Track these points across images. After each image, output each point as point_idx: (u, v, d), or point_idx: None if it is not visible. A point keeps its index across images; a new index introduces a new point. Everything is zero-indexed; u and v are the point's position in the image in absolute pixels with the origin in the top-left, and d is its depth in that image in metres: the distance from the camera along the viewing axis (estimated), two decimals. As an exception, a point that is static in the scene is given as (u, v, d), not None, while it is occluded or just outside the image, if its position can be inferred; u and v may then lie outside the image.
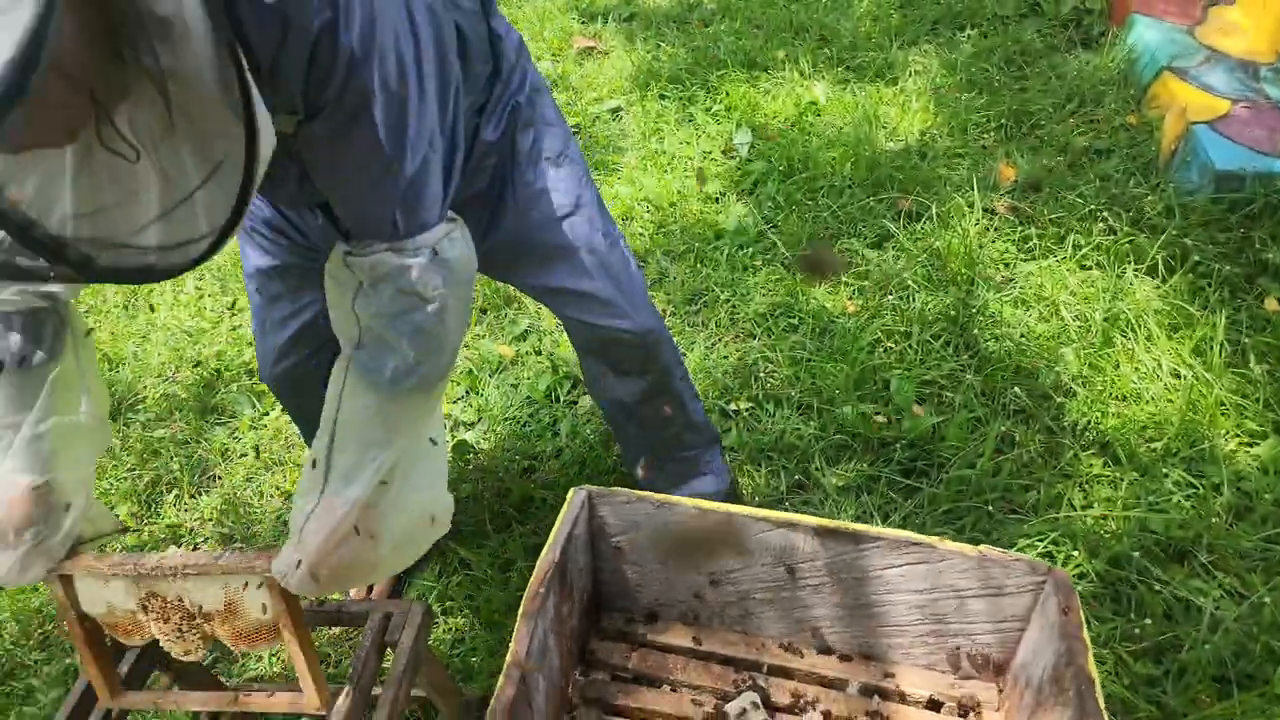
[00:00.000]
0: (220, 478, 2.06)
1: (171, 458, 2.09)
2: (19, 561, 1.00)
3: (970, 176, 2.55)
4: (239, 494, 2.01)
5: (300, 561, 0.95)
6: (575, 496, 1.05)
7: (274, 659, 1.71)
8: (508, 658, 0.86)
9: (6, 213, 0.65)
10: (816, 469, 1.90)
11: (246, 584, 1.12)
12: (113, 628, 1.42)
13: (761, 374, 2.13)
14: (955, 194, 2.50)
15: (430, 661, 1.56)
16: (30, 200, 0.66)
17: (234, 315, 2.52)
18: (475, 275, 1.00)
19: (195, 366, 2.35)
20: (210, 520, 1.98)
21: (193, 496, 2.03)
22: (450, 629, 1.72)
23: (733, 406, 2.06)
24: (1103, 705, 0.80)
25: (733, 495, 1.73)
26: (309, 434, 1.65)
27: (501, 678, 0.84)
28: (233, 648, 1.20)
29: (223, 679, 1.60)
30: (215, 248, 0.71)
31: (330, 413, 0.97)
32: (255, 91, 0.65)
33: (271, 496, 2.01)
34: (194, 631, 1.25)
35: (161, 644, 1.19)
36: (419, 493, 0.99)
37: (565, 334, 1.52)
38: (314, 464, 0.97)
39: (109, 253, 0.70)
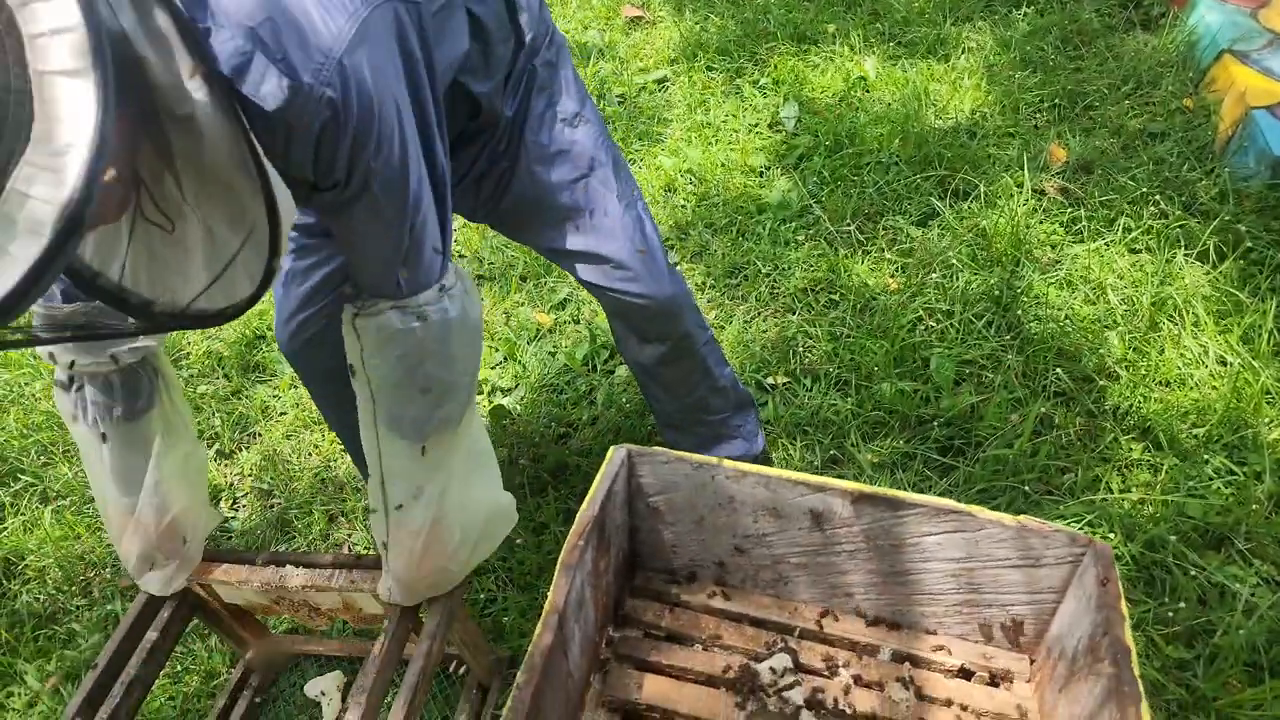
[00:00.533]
0: (260, 434, 2.11)
1: (213, 413, 2.14)
2: (169, 579, 1.30)
3: (1020, 156, 2.51)
4: (278, 451, 2.05)
5: (392, 588, 1.20)
6: (615, 454, 1.07)
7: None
8: (546, 605, 0.88)
9: (76, 267, 0.78)
10: (852, 445, 1.90)
11: (360, 590, 1.39)
12: (255, 610, 1.59)
13: (800, 349, 2.13)
14: (1004, 173, 2.46)
15: (463, 619, 1.60)
16: (93, 255, 0.79)
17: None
18: (481, 321, 1.07)
19: (238, 324, 2.40)
20: (250, 475, 2.03)
21: (233, 452, 2.08)
22: (483, 589, 1.75)
23: (770, 380, 2.06)
24: (1138, 674, 0.80)
25: (764, 461, 1.74)
26: (333, 418, 1.70)
27: (540, 624, 0.86)
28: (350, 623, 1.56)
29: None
30: (257, 298, 0.82)
31: (374, 460, 1.07)
32: (270, 169, 0.75)
33: (310, 454, 2.05)
34: (320, 617, 1.52)
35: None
36: (477, 499, 1.11)
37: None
38: (372, 510, 1.14)
39: (167, 299, 0.82)
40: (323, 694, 1.69)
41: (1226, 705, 1.42)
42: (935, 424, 1.89)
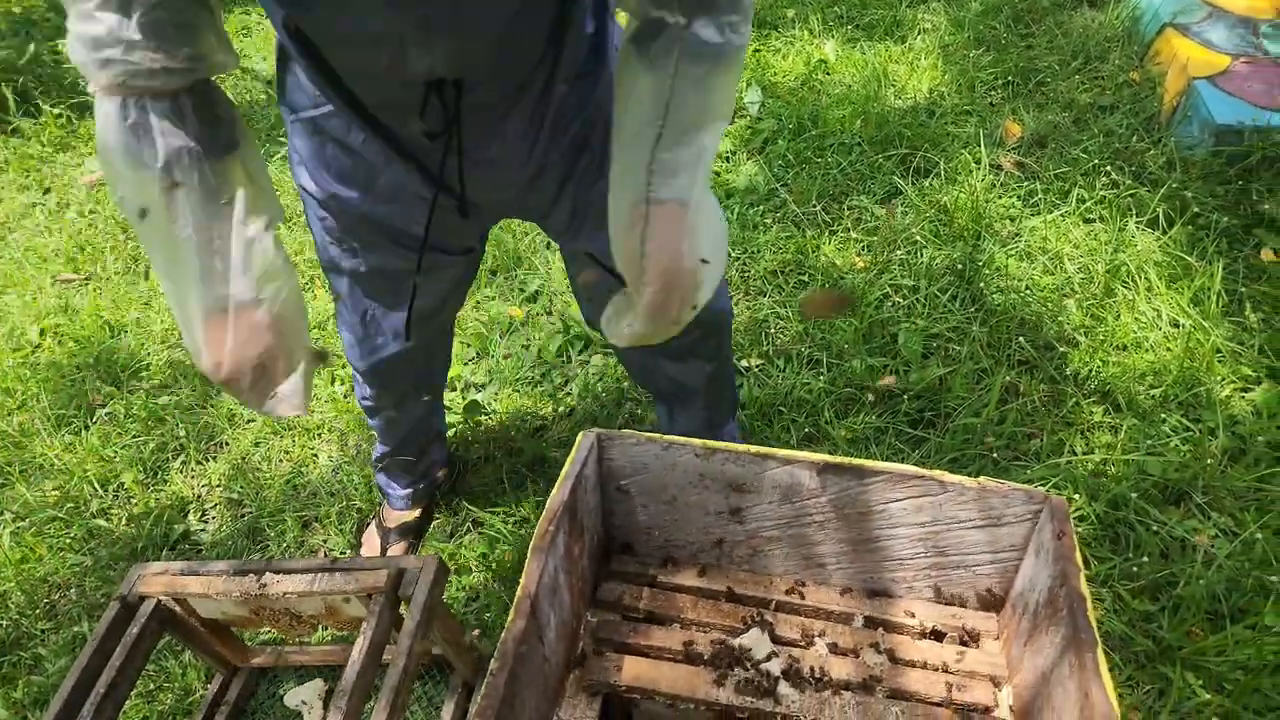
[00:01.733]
0: (228, 444, 2.09)
1: (177, 424, 2.11)
2: (300, 391, 0.99)
3: (977, 133, 2.55)
4: (248, 460, 2.04)
5: (649, 290, 0.92)
6: (584, 439, 1.08)
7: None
8: (518, 591, 0.89)
9: None
10: (826, 422, 1.92)
11: (344, 597, 1.36)
12: (232, 624, 1.56)
13: (772, 330, 2.15)
14: (962, 150, 2.51)
15: (444, 617, 1.60)
16: None
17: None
18: None
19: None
20: (219, 486, 2.01)
21: (200, 463, 2.06)
22: (464, 587, 1.75)
23: (744, 363, 2.08)
24: (1094, 622, 0.83)
25: None
26: (400, 433, 1.66)
27: (512, 610, 0.87)
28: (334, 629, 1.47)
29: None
30: None
31: (650, 109, 0.87)
32: None
33: (280, 462, 2.04)
34: (302, 626, 1.48)
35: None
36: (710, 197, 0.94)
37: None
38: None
39: None
40: (304, 703, 1.68)
41: (1191, 653, 1.46)
42: (905, 398, 1.92)
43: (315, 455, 2.04)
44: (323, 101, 1.05)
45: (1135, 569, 1.56)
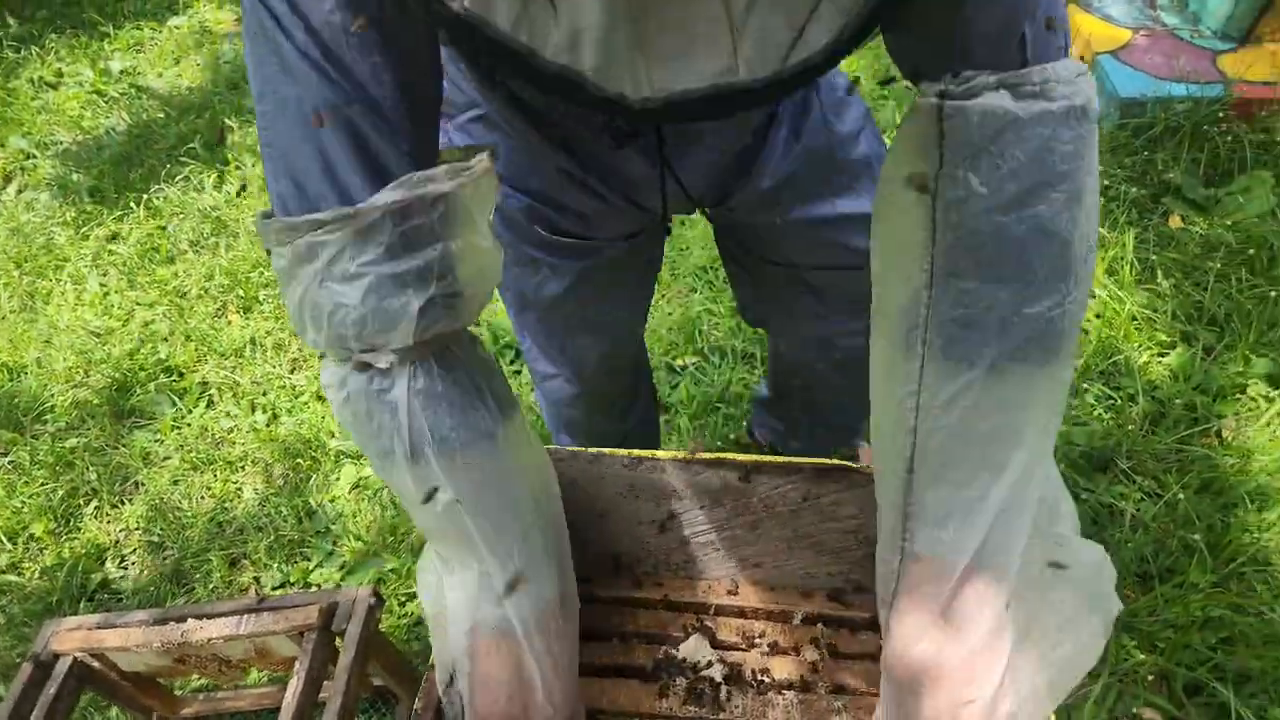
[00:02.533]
0: (143, 484, 1.99)
1: (87, 467, 2.01)
2: None
3: (893, 119, 2.58)
4: (166, 499, 1.95)
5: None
6: (504, 458, 1.04)
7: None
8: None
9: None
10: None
11: (272, 634, 1.31)
12: (158, 674, 1.49)
13: (705, 327, 2.14)
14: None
15: (383, 649, 1.54)
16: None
17: (145, 309, 2.43)
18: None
19: (106, 368, 2.27)
20: (137, 529, 1.92)
21: (115, 506, 1.96)
22: (408, 614, 1.70)
23: (679, 362, 2.07)
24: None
25: None
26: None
27: (435, 656, 0.83)
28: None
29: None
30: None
31: (903, 423, 0.62)
32: None
33: (202, 498, 1.96)
34: (232, 670, 1.43)
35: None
36: (1081, 560, 0.63)
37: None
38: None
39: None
40: (244, 747, 1.62)
41: (1125, 615, 1.49)
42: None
43: (239, 489, 1.96)
44: (480, 103, 0.95)
45: (1067, 538, 1.59)
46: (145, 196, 2.76)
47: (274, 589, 1.77)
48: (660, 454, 1.04)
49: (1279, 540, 1.59)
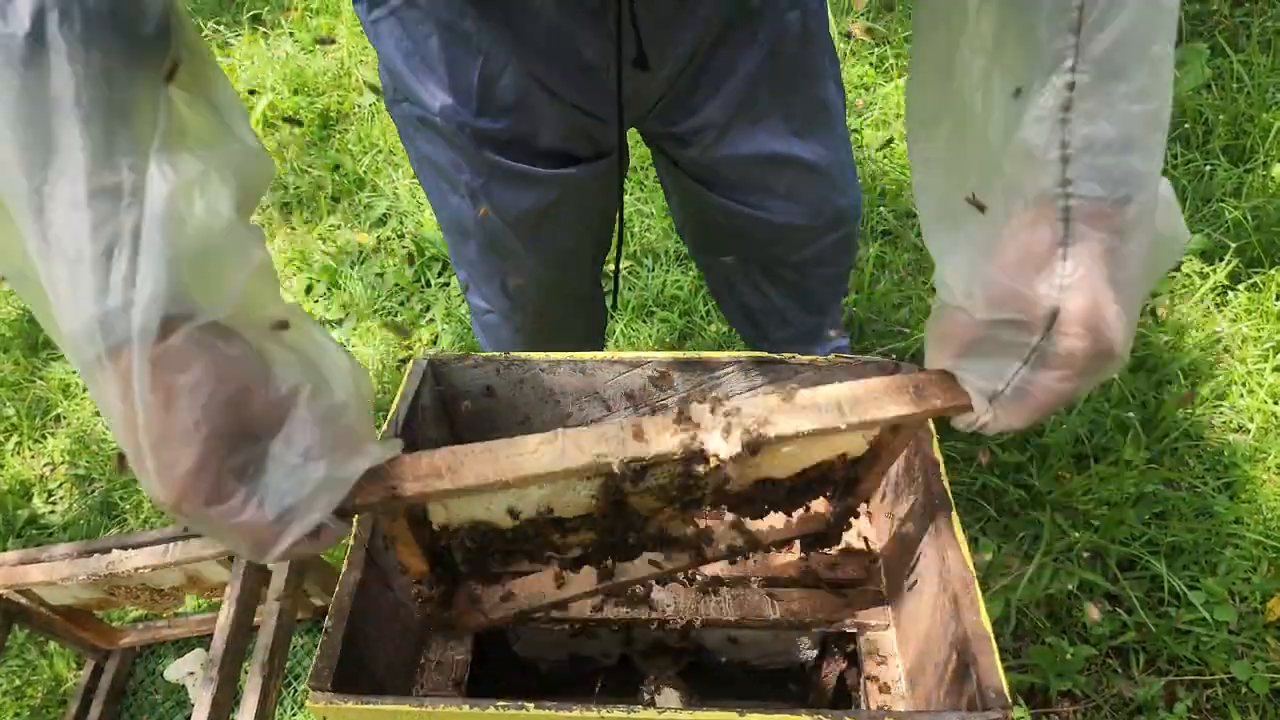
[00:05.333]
0: (65, 417, 1.91)
1: (4, 403, 1.92)
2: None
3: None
4: (89, 431, 1.88)
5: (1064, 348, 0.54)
6: (415, 366, 0.99)
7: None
8: (351, 541, 0.81)
9: None
10: (701, 318, 1.88)
11: (202, 560, 1.28)
12: (90, 607, 1.46)
13: (637, 229, 2.07)
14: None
15: (319, 568, 1.52)
16: None
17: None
18: None
19: (15, 299, 2.15)
20: (62, 463, 1.85)
21: (37, 441, 1.88)
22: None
23: (610, 267, 2.01)
24: (947, 485, 0.82)
25: None
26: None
27: (345, 562, 0.80)
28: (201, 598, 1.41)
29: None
30: None
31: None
32: None
33: (127, 427, 1.88)
34: (166, 599, 1.40)
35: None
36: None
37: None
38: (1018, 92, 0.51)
39: None
40: (190, 674, 1.60)
41: (1060, 495, 1.51)
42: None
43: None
44: None
45: (1003, 423, 1.59)
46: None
47: (208, 517, 1.72)
48: (580, 355, 1.00)
49: (1211, 415, 1.61)
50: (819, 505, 0.93)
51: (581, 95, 0.97)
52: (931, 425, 0.87)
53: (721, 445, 0.64)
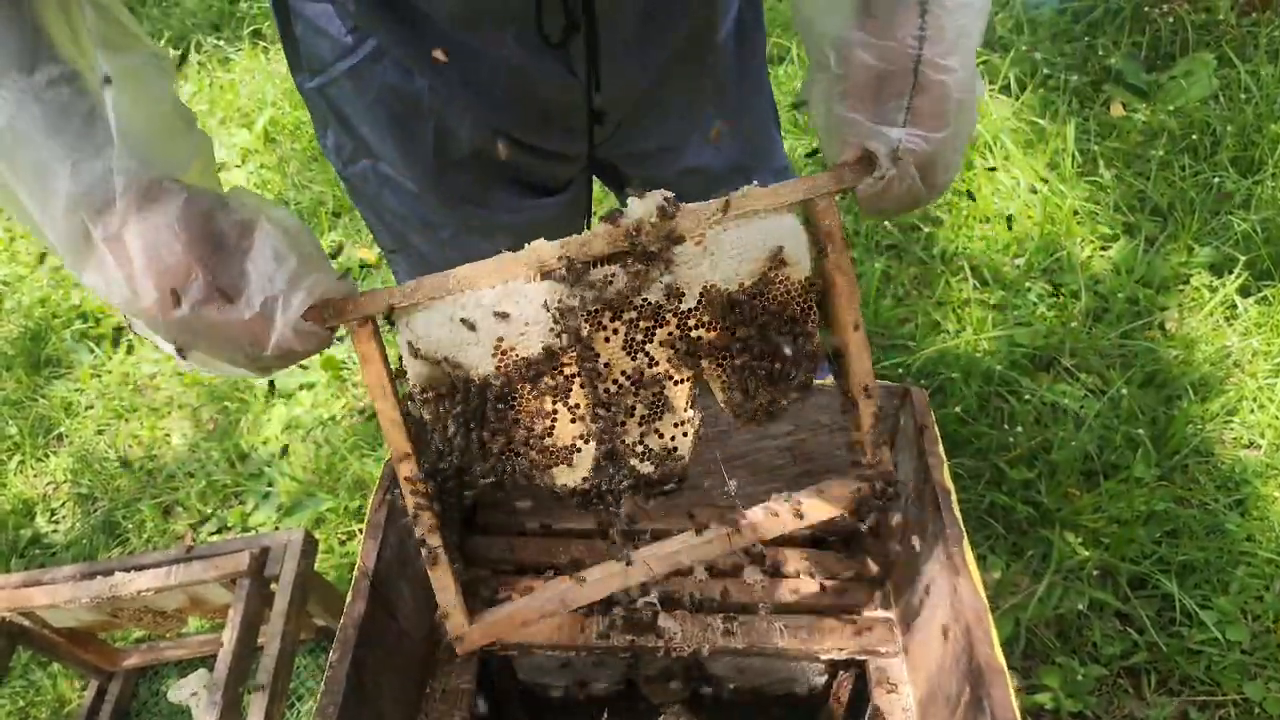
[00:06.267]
0: (67, 435, 1.91)
1: (7, 421, 1.92)
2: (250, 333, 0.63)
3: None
4: (92, 450, 1.87)
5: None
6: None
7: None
8: (355, 571, 0.80)
9: None
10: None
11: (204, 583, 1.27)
12: (93, 629, 1.44)
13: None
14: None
15: (322, 589, 1.50)
16: None
17: (53, 254, 2.30)
18: None
19: (17, 317, 2.15)
20: (65, 482, 1.84)
21: (39, 460, 1.88)
22: (348, 553, 1.65)
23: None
24: (958, 513, 0.81)
25: None
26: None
27: (350, 592, 0.79)
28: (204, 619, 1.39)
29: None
30: None
31: None
32: None
33: (130, 447, 1.88)
34: (169, 621, 1.39)
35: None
36: None
37: None
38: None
39: None
40: (193, 695, 1.58)
41: (1069, 514, 1.50)
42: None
43: (167, 435, 1.88)
44: (362, 37, 0.85)
45: (1011, 439, 1.58)
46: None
47: (210, 535, 1.71)
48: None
49: (1221, 431, 1.60)
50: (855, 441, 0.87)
51: (540, 135, 0.96)
52: (941, 450, 0.86)
53: (638, 208, 0.70)
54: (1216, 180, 1.90)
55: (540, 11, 0.81)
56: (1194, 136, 1.98)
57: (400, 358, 0.73)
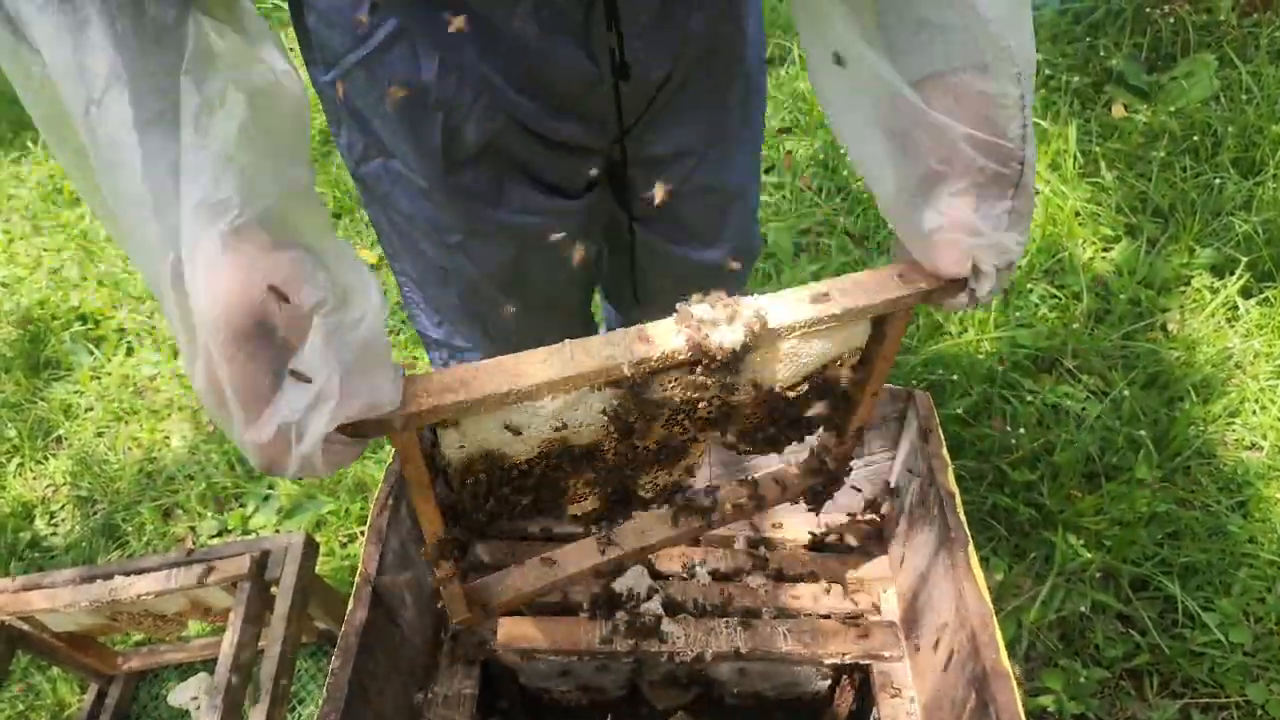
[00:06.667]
0: (66, 438, 1.90)
1: (6, 424, 1.91)
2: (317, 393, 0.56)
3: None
4: (92, 452, 1.86)
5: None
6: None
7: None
8: (357, 578, 0.80)
9: None
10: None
11: (205, 586, 1.26)
12: (93, 633, 1.43)
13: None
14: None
15: (323, 592, 1.50)
16: None
17: (52, 255, 2.29)
18: None
19: (16, 320, 2.14)
20: (64, 484, 1.84)
21: (39, 462, 1.87)
22: (350, 555, 1.65)
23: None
24: (963, 517, 0.80)
25: None
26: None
27: (351, 599, 0.78)
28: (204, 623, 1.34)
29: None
30: None
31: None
32: None
33: (129, 450, 1.87)
34: (169, 624, 1.37)
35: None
36: None
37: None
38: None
39: None
40: (194, 699, 1.58)
41: (1072, 515, 1.49)
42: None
43: (167, 438, 1.88)
44: (376, 22, 0.82)
45: (1014, 441, 1.58)
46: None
47: (211, 538, 1.71)
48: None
49: (1223, 432, 1.60)
50: (822, 441, 0.90)
51: (555, 123, 0.93)
52: (945, 453, 0.86)
53: (726, 334, 0.64)
54: (1217, 181, 1.90)
55: None
56: (1195, 137, 1.97)
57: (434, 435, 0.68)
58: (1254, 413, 1.61)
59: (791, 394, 0.76)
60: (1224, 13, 2.19)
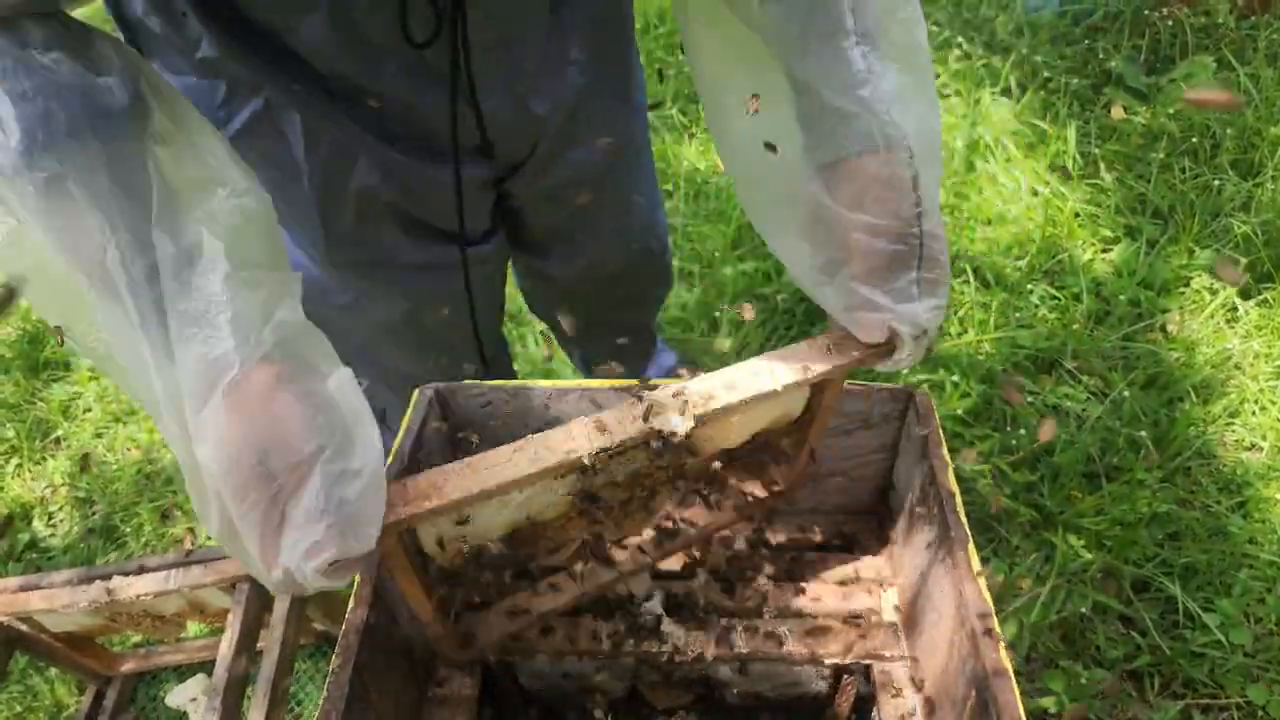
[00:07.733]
0: (65, 439, 1.90)
1: (4, 424, 1.91)
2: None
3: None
4: (90, 452, 1.86)
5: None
6: (420, 395, 0.98)
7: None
8: (356, 578, 0.80)
9: None
10: (702, 335, 1.87)
11: (204, 587, 1.26)
12: (91, 634, 1.42)
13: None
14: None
15: (322, 594, 1.50)
16: None
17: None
18: None
19: (14, 320, 2.14)
20: (62, 485, 1.83)
21: (37, 463, 1.87)
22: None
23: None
24: (963, 517, 0.80)
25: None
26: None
27: (351, 599, 0.78)
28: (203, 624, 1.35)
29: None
30: None
31: None
32: None
33: (127, 450, 1.87)
34: (168, 625, 1.37)
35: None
36: None
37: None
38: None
39: None
40: (192, 700, 1.58)
41: (1071, 516, 1.49)
42: (779, 299, 1.88)
43: (165, 443, 1.87)
44: (234, 108, 0.83)
45: (1014, 442, 1.58)
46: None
47: (209, 539, 1.70)
48: (589, 383, 0.98)
49: (1223, 433, 1.59)
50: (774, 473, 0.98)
51: (436, 169, 0.94)
52: (945, 453, 0.86)
53: (679, 423, 0.70)
54: (1216, 183, 1.90)
55: (405, 12, 0.77)
56: (1194, 139, 1.98)
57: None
58: (1254, 413, 1.61)
59: (743, 450, 0.86)
60: (1222, 15, 2.19)
